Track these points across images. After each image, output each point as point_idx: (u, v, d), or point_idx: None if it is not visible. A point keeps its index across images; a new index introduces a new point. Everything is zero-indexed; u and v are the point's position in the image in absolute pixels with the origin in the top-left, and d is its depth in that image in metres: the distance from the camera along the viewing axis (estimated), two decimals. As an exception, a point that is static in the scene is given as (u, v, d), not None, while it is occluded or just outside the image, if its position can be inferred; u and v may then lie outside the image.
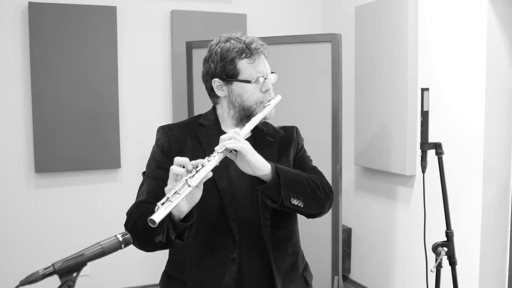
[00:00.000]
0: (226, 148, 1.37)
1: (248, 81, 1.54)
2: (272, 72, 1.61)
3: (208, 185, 1.48)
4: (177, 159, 1.34)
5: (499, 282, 2.84)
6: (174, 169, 1.32)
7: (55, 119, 3.50)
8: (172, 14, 3.77)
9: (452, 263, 2.02)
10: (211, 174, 1.34)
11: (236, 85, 1.56)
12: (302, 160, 1.69)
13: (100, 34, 3.58)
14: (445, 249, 1.98)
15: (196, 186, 1.29)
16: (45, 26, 3.44)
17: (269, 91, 1.58)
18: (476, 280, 2.77)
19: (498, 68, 2.71)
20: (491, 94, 2.70)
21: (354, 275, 3.93)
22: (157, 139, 1.63)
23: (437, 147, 2.05)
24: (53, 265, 1.03)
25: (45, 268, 1.02)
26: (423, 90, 2.05)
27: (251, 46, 1.54)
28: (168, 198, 1.24)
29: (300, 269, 1.67)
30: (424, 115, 2.06)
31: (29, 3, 3.40)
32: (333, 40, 3.00)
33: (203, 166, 1.32)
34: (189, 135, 1.61)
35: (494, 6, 2.67)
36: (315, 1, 4.25)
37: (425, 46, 3.07)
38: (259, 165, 1.40)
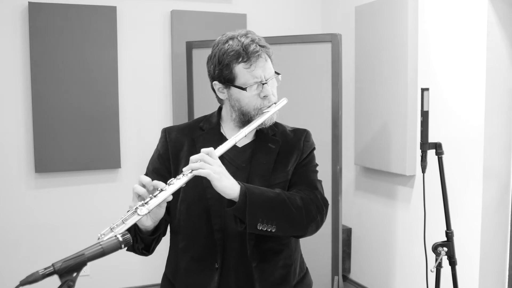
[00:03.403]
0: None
1: (243, 88, 1.45)
2: (277, 74, 1.52)
3: (199, 192, 1.48)
4: (141, 178, 1.33)
5: (499, 282, 2.84)
6: (135, 188, 1.31)
7: (55, 119, 3.50)
8: (172, 14, 3.77)
9: (452, 263, 2.02)
10: (170, 198, 1.31)
11: (233, 90, 1.48)
12: (302, 171, 1.57)
13: (100, 34, 3.57)
14: (445, 249, 1.98)
15: (149, 212, 1.26)
16: (45, 26, 3.44)
17: (267, 97, 1.48)
18: (476, 280, 2.77)
19: (498, 68, 2.71)
20: (491, 94, 2.70)
21: (354, 275, 3.93)
22: (158, 142, 1.61)
23: (437, 147, 2.05)
24: (53, 265, 1.03)
25: (45, 268, 1.02)
26: (423, 90, 2.05)
27: (249, 49, 1.43)
28: (111, 228, 1.21)
29: (293, 282, 1.57)
30: (424, 115, 2.05)
31: (29, 3, 3.40)
32: (333, 40, 3.00)
33: (162, 190, 1.29)
34: (186, 139, 1.56)
35: (494, 6, 2.67)
36: (315, 1, 4.25)
37: (425, 46, 3.07)
38: (225, 190, 1.35)
